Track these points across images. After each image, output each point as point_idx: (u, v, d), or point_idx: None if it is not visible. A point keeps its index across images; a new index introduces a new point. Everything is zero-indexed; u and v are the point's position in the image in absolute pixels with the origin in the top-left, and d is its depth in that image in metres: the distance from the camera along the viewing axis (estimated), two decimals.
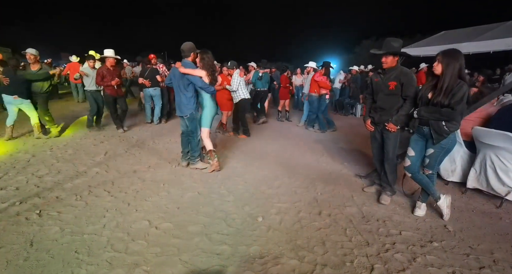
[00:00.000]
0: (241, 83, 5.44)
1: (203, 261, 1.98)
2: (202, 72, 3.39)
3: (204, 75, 3.39)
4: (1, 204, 2.66)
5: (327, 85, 6.00)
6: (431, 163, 2.56)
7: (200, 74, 3.38)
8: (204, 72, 3.39)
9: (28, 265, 1.87)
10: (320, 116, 6.33)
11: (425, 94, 2.48)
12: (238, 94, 5.47)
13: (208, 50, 3.51)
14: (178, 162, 3.98)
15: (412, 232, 2.41)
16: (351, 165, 4.17)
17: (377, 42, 25.22)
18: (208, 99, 3.61)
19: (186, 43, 3.48)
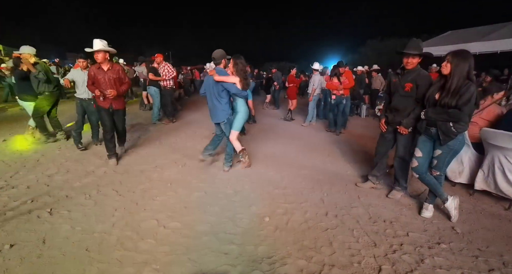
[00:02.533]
0: None
1: (212, 260, 2.01)
2: (236, 79, 3.45)
3: (237, 82, 3.45)
4: (13, 202, 2.71)
5: (334, 87, 5.99)
6: (439, 164, 2.56)
7: (234, 81, 3.44)
8: (238, 78, 3.45)
9: (42, 262, 1.91)
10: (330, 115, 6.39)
11: (432, 95, 2.48)
12: None
13: (241, 55, 3.55)
14: (185, 162, 4.02)
15: (419, 234, 2.40)
16: (357, 165, 4.16)
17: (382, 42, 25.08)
18: (242, 104, 3.66)
19: (217, 51, 3.55)
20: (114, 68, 3.74)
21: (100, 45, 3.53)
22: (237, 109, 3.66)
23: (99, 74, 3.65)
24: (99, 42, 3.53)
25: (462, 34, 7.93)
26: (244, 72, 3.51)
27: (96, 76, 3.66)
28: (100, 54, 3.54)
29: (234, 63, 3.49)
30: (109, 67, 3.67)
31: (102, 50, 3.55)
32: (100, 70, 3.65)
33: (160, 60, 6.53)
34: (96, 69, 3.65)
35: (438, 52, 6.85)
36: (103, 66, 3.64)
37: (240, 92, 3.46)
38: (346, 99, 6.11)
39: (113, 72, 3.72)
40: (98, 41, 3.52)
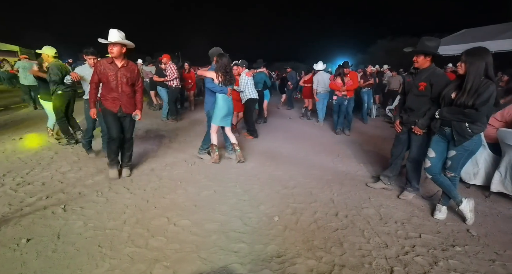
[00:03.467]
0: (248, 83, 5.42)
1: (221, 258, 2.01)
2: (213, 74, 3.71)
3: (214, 77, 3.70)
4: (29, 198, 2.79)
5: (337, 87, 5.89)
6: (453, 165, 2.49)
7: (211, 76, 3.72)
8: (215, 74, 3.71)
9: (57, 257, 1.96)
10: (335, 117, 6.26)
11: (448, 94, 2.42)
12: (244, 95, 5.48)
13: (226, 54, 3.81)
14: (194, 161, 4.05)
15: (432, 236, 2.35)
16: (367, 166, 4.10)
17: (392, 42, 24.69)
18: (220, 99, 3.84)
19: (212, 49, 3.93)
20: (129, 66, 3.16)
21: (118, 37, 2.95)
22: (216, 104, 3.88)
23: (110, 70, 3.05)
24: (116, 33, 2.96)
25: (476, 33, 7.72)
26: (223, 68, 3.72)
27: (106, 72, 3.04)
28: (116, 48, 2.98)
29: (216, 61, 3.76)
30: (123, 64, 3.10)
31: (119, 43, 2.98)
32: (112, 66, 3.06)
33: (166, 61, 6.61)
34: (107, 64, 3.05)
35: (452, 51, 6.69)
36: (116, 62, 3.07)
37: (213, 87, 3.73)
38: (348, 100, 5.95)
39: (128, 70, 3.13)
40: (116, 31, 2.96)
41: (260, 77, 6.60)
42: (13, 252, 1.99)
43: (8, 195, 2.85)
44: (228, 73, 3.76)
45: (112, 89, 3.11)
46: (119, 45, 3.01)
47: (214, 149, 4.00)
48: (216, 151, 4.00)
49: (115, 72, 3.08)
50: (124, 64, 3.12)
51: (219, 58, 3.74)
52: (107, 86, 3.11)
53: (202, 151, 4.17)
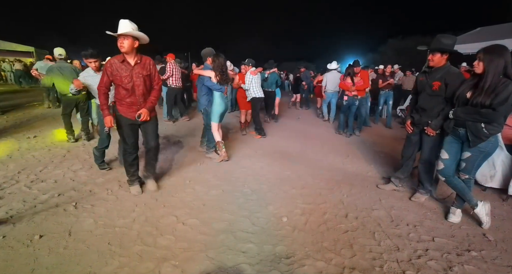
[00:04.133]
0: (253, 81, 5.48)
1: (229, 258, 2.00)
2: (212, 73, 3.83)
3: (213, 76, 3.82)
4: (42, 195, 2.85)
5: (347, 87, 5.79)
6: (467, 167, 2.41)
7: (209, 75, 3.84)
8: (213, 73, 3.82)
9: (68, 254, 1.99)
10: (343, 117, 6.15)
11: (463, 93, 2.34)
12: (249, 93, 5.53)
13: (221, 53, 3.91)
14: (203, 160, 4.06)
15: (446, 239, 2.28)
16: (377, 167, 4.03)
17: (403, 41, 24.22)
18: (217, 96, 3.98)
19: (204, 49, 4.06)
20: (143, 62, 2.67)
21: (129, 28, 2.49)
22: (213, 102, 4.01)
23: (123, 70, 2.58)
24: (128, 23, 2.52)
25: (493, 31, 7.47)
26: (220, 68, 3.83)
27: (118, 73, 2.57)
28: (127, 41, 2.50)
29: (213, 60, 3.86)
30: (137, 61, 2.63)
31: (131, 35, 2.51)
32: (125, 65, 2.58)
33: (168, 59, 6.66)
34: (118, 63, 2.57)
35: (467, 50, 6.49)
36: (128, 59, 2.59)
37: (213, 85, 3.83)
38: (360, 100, 5.78)
39: (143, 67, 2.66)
40: (127, 22, 2.53)
41: (273, 77, 6.72)
42: (27, 248, 2.03)
43: (22, 191, 2.92)
44: (224, 72, 3.88)
45: (127, 93, 2.64)
46: (131, 38, 2.53)
47: (221, 146, 4.05)
48: (223, 148, 4.04)
49: (129, 72, 2.60)
50: (137, 60, 2.63)
51: (216, 58, 3.83)
52: (121, 89, 2.63)
53: (209, 150, 4.22)
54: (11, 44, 19.90)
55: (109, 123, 2.68)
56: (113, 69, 2.59)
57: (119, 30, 2.51)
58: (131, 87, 2.64)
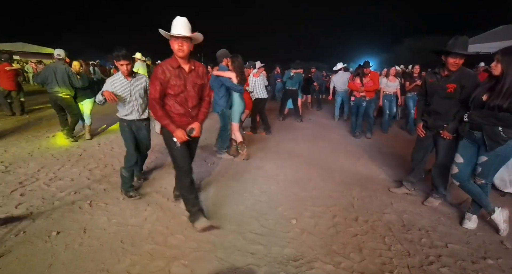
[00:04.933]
0: (256, 83, 5.64)
1: (238, 259, 2.02)
2: (232, 74, 3.84)
3: (233, 77, 3.83)
4: (60, 193, 2.97)
5: (355, 88, 5.70)
6: (484, 172, 2.33)
7: (230, 76, 3.84)
8: (234, 74, 3.85)
9: (83, 250, 2.07)
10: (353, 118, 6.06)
11: (478, 96, 2.27)
12: (252, 95, 5.73)
13: (239, 55, 3.99)
14: (213, 160, 4.11)
15: (460, 246, 2.21)
16: (389, 169, 3.95)
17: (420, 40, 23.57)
18: (236, 97, 4.06)
19: (220, 51, 4.05)
20: (198, 69, 2.30)
21: (187, 29, 2.08)
22: (233, 102, 4.07)
23: (177, 77, 2.18)
24: (187, 23, 2.09)
25: None
26: (240, 69, 3.91)
27: (172, 80, 2.17)
28: (186, 45, 2.11)
29: (232, 61, 3.92)
30: (191, 67, 2.23)
31: (189, 37, 2.11)
32: (179, 71, 2.19)
33: None
34: (171, 68, 2.16)
35: (487, 49, 6.26)
36: (183, 65, 2.19)
37: (234, 86, 3.84)
38: (368, 102, 5.64)
39: (197, 75, 2.29)
40: (187, 21, 2.10)
41: (298, 77, 7.00)
42: (45, 243, 2.13)
43: (41, 189, 3.06)
44: (242, 73, 3.95)
45: (179, 104, 2.25)
46: (189, 40, 2.12)
47: (243, 145, 4.20)
48: (245, 148, 4.19)
49: (183, 80, 2.20)
50: (191, 67, 2.24)
51: (235, 59, 3.89)
52: (171, 100, 2.23)
53: (221, 150, 4.27)
54: (33, 47, 20.81)
55: (184, 137, 2.19)
56: (167, 75, 2.16)
57: (179, 30, 2.06)
58: (184, 98, 2.25)
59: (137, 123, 2.92)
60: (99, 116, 7.29)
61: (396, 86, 6.28)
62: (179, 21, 2.09)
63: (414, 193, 3.14)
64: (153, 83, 2.16)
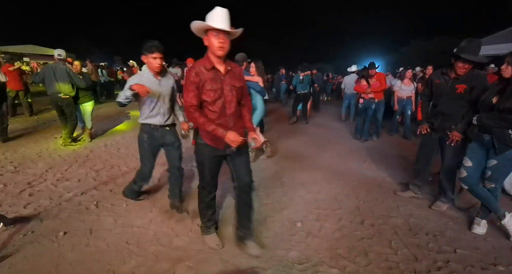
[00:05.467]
0: None
1: (242, 261, 2.02)
2: (259, 78, 3.95)
3: (260, 81, 3.93)
4: (67, 193, 3.01)
5: (362, 90, 5.63)
6: (493, 176, 2.29)
7: (258, 80, 3.92)
8: (261, 78, 3.96)
9: (89, 251, 2.09)
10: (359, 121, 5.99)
11: (488, 98, 2.23)
12: None
13: (259, 59, 4.14)
14: None
15: (469, 251, 2.17)
16: (395, 172, 3.91)
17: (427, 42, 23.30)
18: (259, 102, 4.06)
19: (239, 54, 3.98)
20: (234, 70, 1.94)
21: (227, 23, 1.72)
22: (255, 106, 4.05)
23: (213, 81, 1.83)
24: (228, 16, 1.73)
25: None
26: (263, 73, 4.07)
27: (207, 85, 1.82)
28: (227, 42, 1.78)
29: (256, 66, 4.00)
30: (227, 68, 1.88)
31: (228, 31, 1.75)
32: (214, 73, 1.84)
33: (188, 65, 6.90)
34: (204, 70, 1.81)
35: (497, 51, 6.13)
36: (218, 66, 1.84)
37: (262, 90, 3.91)
38: (376, 104, 5.51)
39: (235, 77, 1.93)
40: (227, 13, 1.74)
41: (307, 79, 7.11)
42: (52, 244, 2.15)
43: (49, 189, 3.10)
44: (264, 77, 4.09)
45: (216, 113, 1.88)
46: (227, 35, 1.77)
47: (268, 144, 4.44)
48: (269, 146, 4.45)
49: (219, 83, 1.85)
50: (227, 67, 1.88)
51: (259, 64, 4.00)
52: (207, 108, 1.89)
53: None
54: (42, 49, 21.19)
55: (238, 138, 1.78)
56: (203, 78, 1.81)
57: (221, 24, 1.70)
58: (221, 105, 1.87)
59: (160, 130, 2.53)
60: (100, 119, 7.39)
61: (411, 90, 5.86)
62: (221, 12, 1.72)
63: (421, 197, 3.09)
64: (188, 89, 1.82)
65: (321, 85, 9.48)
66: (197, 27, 1.77)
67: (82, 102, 5.06)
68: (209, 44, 1.78)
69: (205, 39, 1.80)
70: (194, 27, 1.77)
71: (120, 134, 5.73)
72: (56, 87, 4.52)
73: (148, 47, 2.28)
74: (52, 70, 4.52)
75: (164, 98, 2.48)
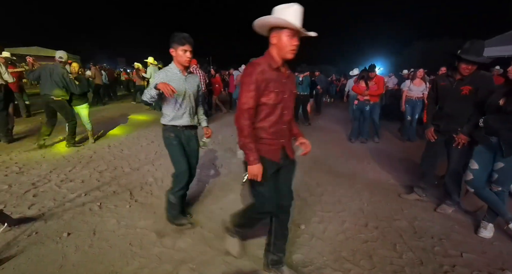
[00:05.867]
0: None
1: (246, 264, 2.00)
2: None
3: None
4: (70, 194, 3.02)
5: (359, 91, 5.60)
6: (500, 179, 2.26)
7: None
8: None
9: (92, 252, 2.09)
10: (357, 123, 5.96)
11: (494, 101, 2.20)
12: None
13: None
14: (221, 163, 4.11)
15: (476, 255, 2.14)
16: (399, 174, 3.88)
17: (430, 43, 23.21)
18: None
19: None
20: (291, 74, 1.76)
21: (299, 20, 1.52)
22: None
23: (278, 83, 1.61)
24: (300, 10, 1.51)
25: None
26: None
27: (272, 86, 1.59)
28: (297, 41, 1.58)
29: None
30: (287, 71, 1.70)
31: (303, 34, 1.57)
32: (279, 75, 1.63)
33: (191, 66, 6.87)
34: (271, 70, 1.59)
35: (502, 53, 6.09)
36: (281, 67, 1.65)
37: None
38: (371, 106, 5.51)
39: (293, 82, 1.77)
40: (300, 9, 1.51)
41: (307, 81, 7.06)
42: (56, 245, 2.16)
43: (53, 190, 3.11)
44: None
45: (273, 118, 1.65)
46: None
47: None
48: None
49: (282, 86, 1.64)
50: (287, 70, 1.72)
51: None
52: (266, 112, 1.64)
53: None
54: (48, 51, 21.40)
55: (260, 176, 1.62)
56: (265, 80, 1.57)
57: (298, 22, 1.50)
58: (281, 111, 1.65)
59: (186, 133, 2.37)
60: (102, 120, 7.44)
61: (422, 90, 5.61)
62: (298, 10, 1.50)
63: (425, 199, 3.06)
64: (248, 88, 1.55)
65: (324, 87, 9.45)
66: (273, 23, 1.52)
67: (76, 105, 4.87)
68: (278, 44, 1.56)
69: (274, 37, 1.56)
70: (267, 23, 1.53)
71: (123, 136, 5.76)
72: (48, 89, 4.38)
73: (178, 39, 2.11)
74: (49, 71, 4.41)
75: (190, 97, 2.30)
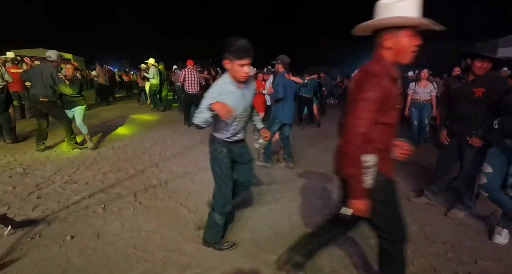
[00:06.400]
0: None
1: (252, 269, 1.95)
2: (300, 80, 4.16)
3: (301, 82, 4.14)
4: (74, 196, 2.99)
5: None
6: None
7: (301, 81, 4.17)
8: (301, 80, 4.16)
9: (96, 256, 2.05)
10: None
11: (509, 102, 2.14)
12: (267, 98, 6.19)
13: None
14: None
15: (492, 263, 2.06)
16: (408, 178, 3.80)
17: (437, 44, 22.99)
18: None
19: (283, 57, 3.93)
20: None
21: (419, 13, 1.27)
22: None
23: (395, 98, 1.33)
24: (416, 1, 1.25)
25: None
26: None
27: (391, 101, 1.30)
28: None
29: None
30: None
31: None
32: (394, 87, 1.33)
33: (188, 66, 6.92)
34: (390, 82, 1.30)
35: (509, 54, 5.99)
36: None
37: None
38: None
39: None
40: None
41: (312, 84, 6.95)
42: (59, 248, 2.12)
43: (57, 192, 3.09)
44: None
45: (389, 141, 1.45)
46: None
47: None
48: None
49: (398, 98, 1.37)
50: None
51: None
52: (380, 130, 1.34)
53: (289, 161, 4.16)
54: None
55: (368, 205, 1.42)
56: (386, 95, 1.27)
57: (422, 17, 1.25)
58: (395, 128, 1.41)
59: (238, 146, 2.09)
60: (103, 121, 7.44)
61: (428, 92, 5.09)
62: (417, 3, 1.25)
63: (435, 203, 2.98)
64: (368, 107, 1.24)
65: (329, 89, 9.38)
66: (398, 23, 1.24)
67: (70, 108, 4.65)
68: (396, 47, 1.27)
69: (389, 39, 1.27)
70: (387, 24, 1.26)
71: (127, 137, 5.74)
72: (38, 89, 4.27)
73: (235, 52, 1.72)
74: (40, 71, 4.31)
75: (247, 110, 2.01)
